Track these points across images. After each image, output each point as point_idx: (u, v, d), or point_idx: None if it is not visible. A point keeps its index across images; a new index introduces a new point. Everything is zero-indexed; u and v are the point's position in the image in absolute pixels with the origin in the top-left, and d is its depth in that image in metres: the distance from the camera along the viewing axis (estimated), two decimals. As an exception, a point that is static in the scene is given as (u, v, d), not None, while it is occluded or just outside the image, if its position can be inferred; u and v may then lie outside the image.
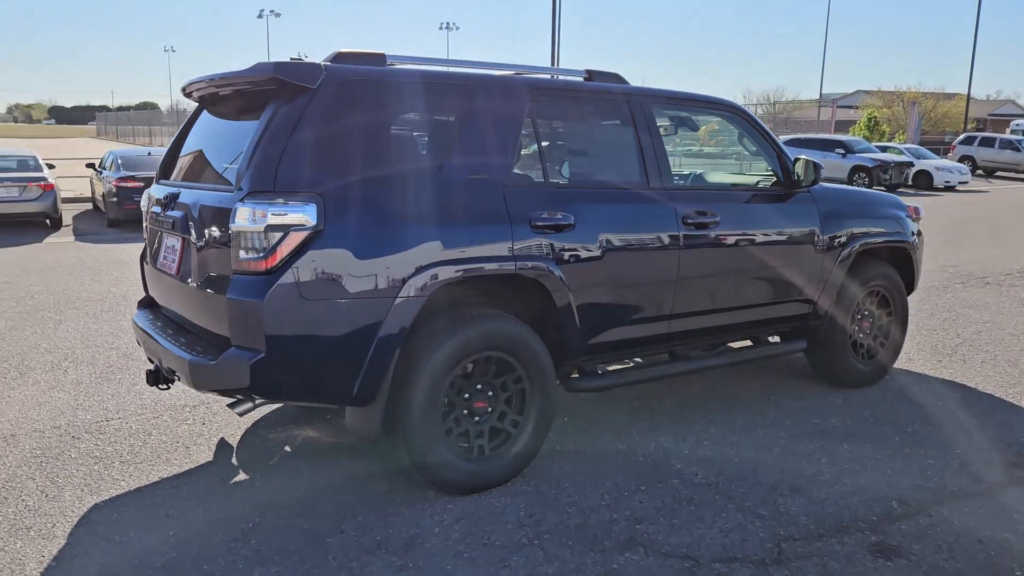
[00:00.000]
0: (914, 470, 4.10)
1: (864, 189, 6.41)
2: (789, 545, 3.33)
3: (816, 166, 4.91)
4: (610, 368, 4.60)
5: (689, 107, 4.86)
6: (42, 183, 15.36)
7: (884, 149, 28.70)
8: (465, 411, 3.73)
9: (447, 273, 3.51)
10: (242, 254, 3.23)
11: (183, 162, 4.21)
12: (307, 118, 3.36)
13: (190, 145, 4.23)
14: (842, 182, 22.22)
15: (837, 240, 5.07)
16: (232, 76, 3.60)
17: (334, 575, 3.08)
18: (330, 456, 4.24)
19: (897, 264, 5.58)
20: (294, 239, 3.23)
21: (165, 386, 3.95)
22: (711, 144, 15.49)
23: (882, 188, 23.56)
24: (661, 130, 4.54)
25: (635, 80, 4.62)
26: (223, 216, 3.31)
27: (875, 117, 46.25)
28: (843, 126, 48.26)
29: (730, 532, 3.44)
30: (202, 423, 4.67)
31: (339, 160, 3.40)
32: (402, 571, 3.10)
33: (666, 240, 4.28)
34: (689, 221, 4.35)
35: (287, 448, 4.35)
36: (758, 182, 5.09)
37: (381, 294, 3.38)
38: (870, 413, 4.93)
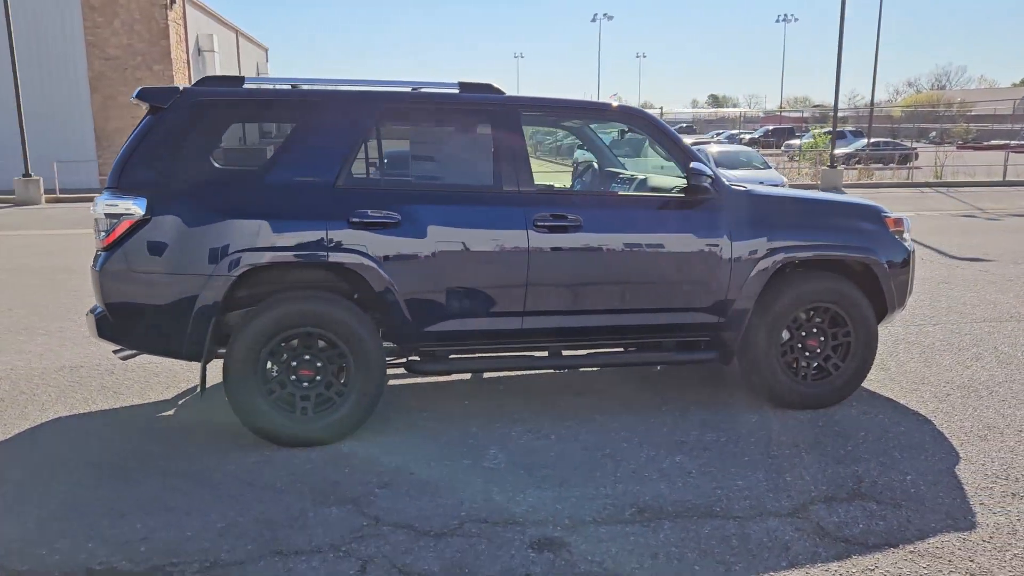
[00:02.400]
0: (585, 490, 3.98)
1: (825, 196, 5.72)
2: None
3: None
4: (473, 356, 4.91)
5: (578, 115, 4.99)
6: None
7: None
8: (293, 377, 4.42)
9: (254, 259, 4.24)
10: (99, 235, 4.27)
11: None
12: (155, 131, 4.30)
13: None
14: None
15: (752, 250, 4.83)
16: (134, 97, 4.63)
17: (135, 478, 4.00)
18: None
19: (867, 281, 5.09)
20: (125, 224, 4.19)
21: None
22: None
23: None
24: (551, 138, 4.77)
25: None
26: None
27: None
28: None
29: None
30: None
31: (174, 165, 4.29)
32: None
33: (512, 240, 4.54)
34: (541, 224, 4.56)
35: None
36: (673, 188, 5.03)
37: (197, 272, 4.22)
38: (698, 436, 4.67)
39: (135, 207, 4.19)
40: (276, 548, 3.38)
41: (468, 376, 5.73)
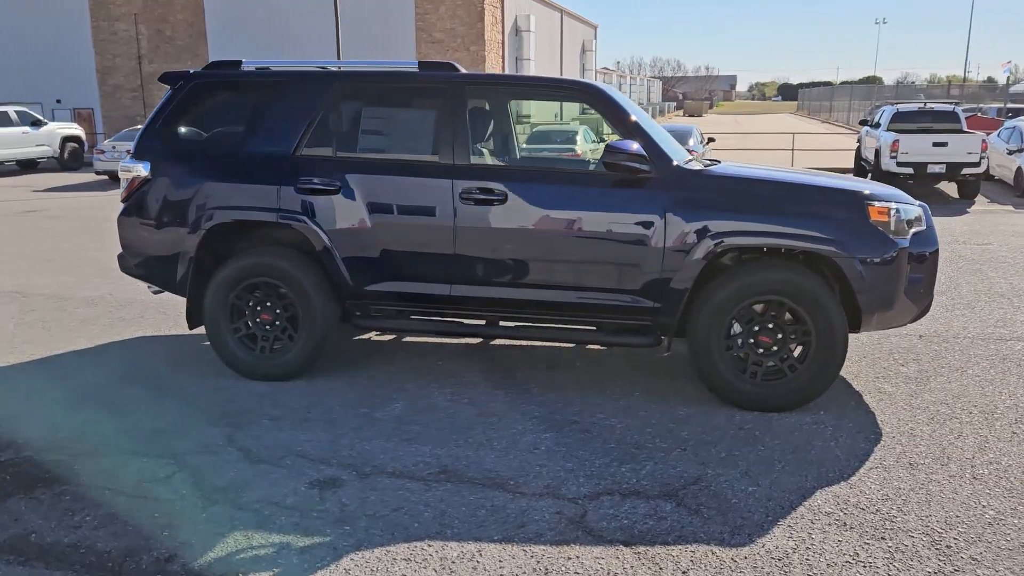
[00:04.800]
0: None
1: (804, 177, 4.83)
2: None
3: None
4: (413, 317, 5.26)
5: (529, 91, 5.03)
6: (570, 153, 18.95)
7: None
8: (258, 320, 5.20)
9: (222, 217, 5.05)
10: (121, 191, 5.37)
11: None
12: (165, 108, 5.27)
13: None
14: None
15: (688, 233, 4.59)
16: (159, 80, 5.64)
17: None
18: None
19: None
20: (135, 183, 5.23)
21: None
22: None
23: None
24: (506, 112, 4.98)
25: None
26: None
27: None
28: None
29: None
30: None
31: (175, 135, 5.23)
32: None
33: (439, 211, 4.84)
34: (467, 196, 4.80)
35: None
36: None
37: (180, 225, 5.14)
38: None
39: (142, 169, 5.21)
40: (161, 446, 4.16)
41: (475, 341, 6.05)
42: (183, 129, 5.26)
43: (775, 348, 4.63)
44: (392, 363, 5.58)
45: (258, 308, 5.17)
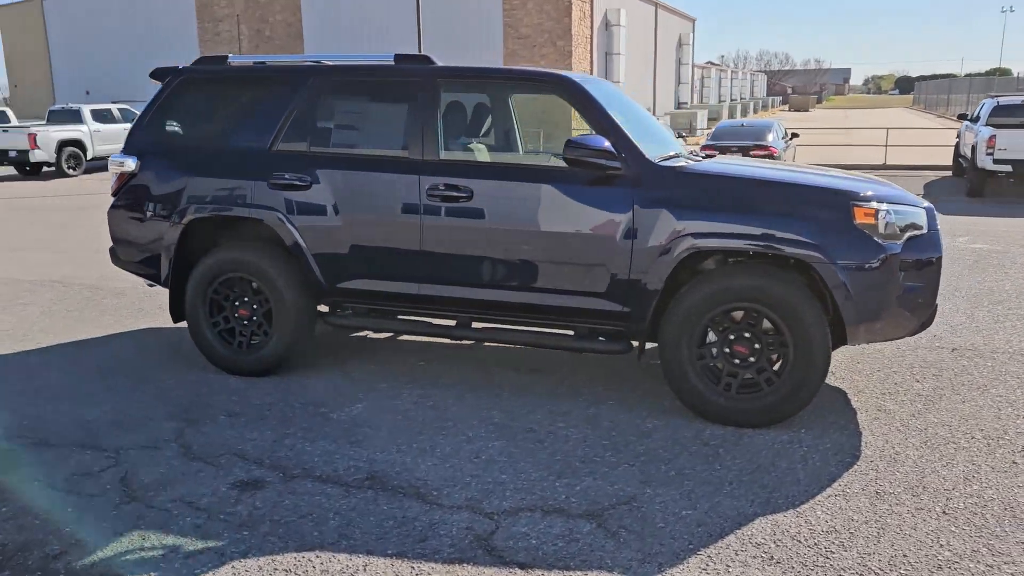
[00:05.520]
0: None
1: (787, 174, 4.37)
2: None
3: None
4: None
5: (503, 85, 4.82)
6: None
7: None
8: (236, 315, 5.20)
9: (200, 211, 5.06)
10: (112, 185, 5.47)
11: None
12: (155, 103, 5.33)
13: None
14: None
15: (658, 235, 4.30)
16: (149, 75, 5.67)
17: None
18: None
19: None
20: (123, 177, 5.31)
21: None
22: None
23: None
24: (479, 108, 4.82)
25: None
26: None
27: None
28: None
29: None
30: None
31: (162, 130, 5.28)
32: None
33: (406, 208, 4.71)
34: (434, 193, 4.65)
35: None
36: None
37: (164, 219, 5.19)
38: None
39: (130, 163, 5.28)
40: (110, 440, 4.20)
41: (467, 342, 5.90)
42: (170, 124, 5.31)
43: (752, 359, 4.29)
44: (374, 362, 5.49)
45: (236, 303, 5.16)
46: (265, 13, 33.83)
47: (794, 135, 19.66)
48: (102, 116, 22.23)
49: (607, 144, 4.31)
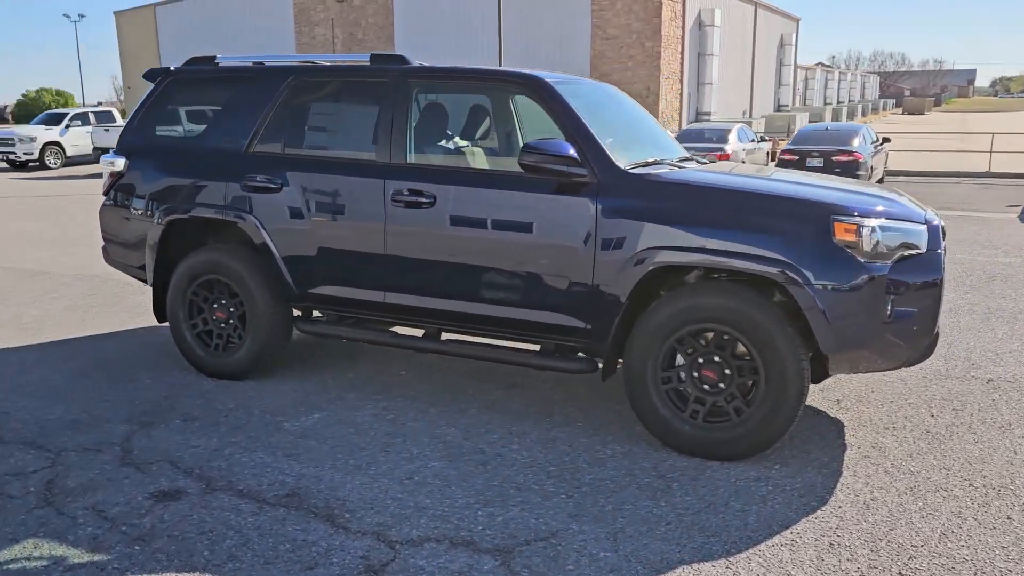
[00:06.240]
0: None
1: (764, 183, 3.88)
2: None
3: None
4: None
5: (468, 83, 4.58)
6: (719, 153, 17.86)
7: None
8: (214, 317, 5.16)
9: (179, 212, 5.03)
10: (103, 185, 5.51)
11: None
12: (145, 102, 5.34)
13: None
14: None
15: (622, 248, 3.98)
16: (143, 76, 5.69)
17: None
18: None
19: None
20: (113, 177, 5.34)
21: None
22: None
23: None
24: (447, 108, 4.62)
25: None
26: None
27: None
28: None
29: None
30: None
31: (150, 131, 5.28)
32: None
33: (371, 213, 4.54)
34: (398, 198, 4.46)
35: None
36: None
37: (147, 217, 5.19)
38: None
39: (119, 163, 5.30)
40: (59, 439, 4.20)
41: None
42: (157, 124, 5.30)
43: (722, 385, 3.91)
44: (355, 370, 5.34)
45: (214, 305, 5.11)
46: (358, 17, 34.53)
47: (885, 140, 18.67)
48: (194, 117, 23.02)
49: (570, 149, 4.01)
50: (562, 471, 3.84)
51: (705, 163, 5.01)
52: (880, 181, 19.40)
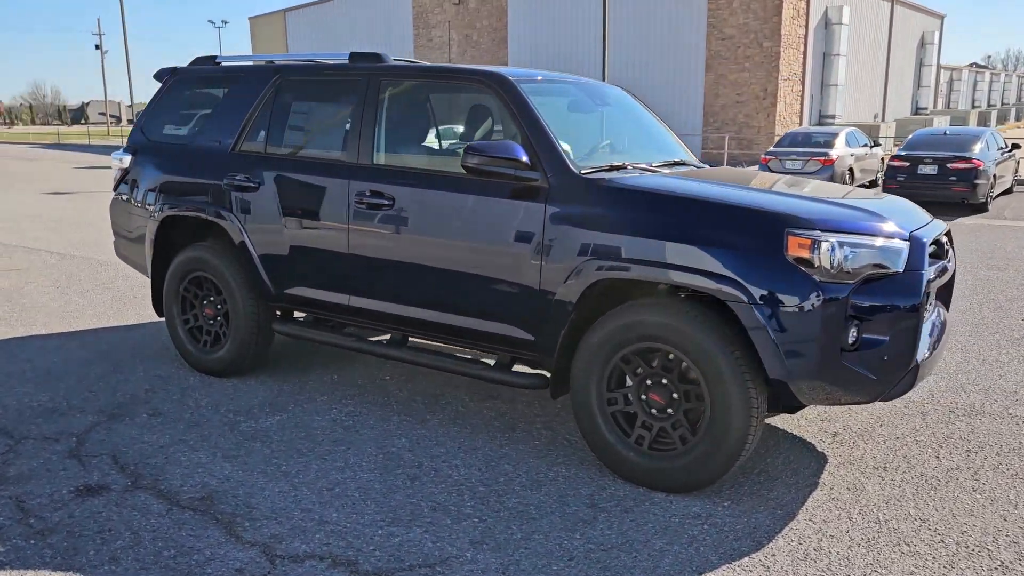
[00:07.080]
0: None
1: (718, 189, 3.39)
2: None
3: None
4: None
5: (432, 82, 4.42)
6: (822, 158, 16.96)
7: None
8: (203, 314, 5.22)
9: (169, 210, 5.12)
10: (113, 182, 5.68)
11: None
12: (153, 101, 5.48)
13: None
14: None
15: (567, 257, 3.72)
16: (153, 76, 5.81)
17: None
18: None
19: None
20: (121, 173, 5.50)
21: None
22: None
23: None
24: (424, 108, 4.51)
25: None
26: None
27: None
28: None
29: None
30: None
31: (155, 129, 5.41)
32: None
33: (335, 215, 4.46)
34: (360, 200, 4.36)
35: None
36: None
37: (146, 212, 5.31)
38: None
39: (126, 160, 5.46)
40: (26, 428, 4.35)
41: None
42: (162, 123, 5.42)
43: (669, 410, 3.59)
44: (343, 371, 5.28)
45: (204, 302, 5.16)
46: (473, 19, 34.89)
47: (1015, 146, 17.20)
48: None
49: (518, 151, 3.78)
50: (490, 492, 3.62)
51: (703, 168, 4.65)
52: (1008, 191, 17.85)
